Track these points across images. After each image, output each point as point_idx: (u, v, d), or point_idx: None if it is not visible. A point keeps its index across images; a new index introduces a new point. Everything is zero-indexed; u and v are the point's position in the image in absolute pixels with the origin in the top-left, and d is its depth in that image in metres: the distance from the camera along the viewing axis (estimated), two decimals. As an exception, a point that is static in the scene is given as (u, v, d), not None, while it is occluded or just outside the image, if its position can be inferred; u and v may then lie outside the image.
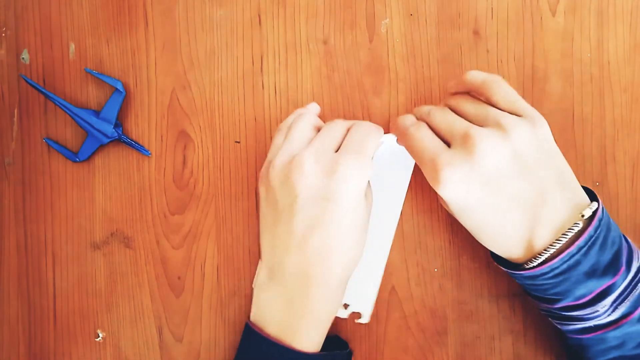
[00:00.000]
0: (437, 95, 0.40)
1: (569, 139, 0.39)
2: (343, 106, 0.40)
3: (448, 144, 0.33)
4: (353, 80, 0.40)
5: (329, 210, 0.32)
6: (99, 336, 0.42)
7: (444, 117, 0.34)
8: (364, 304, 0.36)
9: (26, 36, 0.43)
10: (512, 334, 0.39)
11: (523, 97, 0.33)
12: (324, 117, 0.41)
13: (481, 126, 0.32)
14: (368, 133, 0.34)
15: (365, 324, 0.39)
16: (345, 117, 0.40)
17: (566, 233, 0.30)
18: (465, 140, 0.31)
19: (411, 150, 0.34)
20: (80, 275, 0.42)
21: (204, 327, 0.41)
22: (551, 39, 0.39)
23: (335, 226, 0.32)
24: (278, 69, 0.41)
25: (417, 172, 0.40)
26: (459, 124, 0.33)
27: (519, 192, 0.31)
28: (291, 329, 0.33)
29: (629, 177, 0.39)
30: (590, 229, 0.30)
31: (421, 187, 0.40)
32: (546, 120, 0.32)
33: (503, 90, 0.33)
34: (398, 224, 0.40)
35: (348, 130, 0.35)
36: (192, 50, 0.41)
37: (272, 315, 0.33)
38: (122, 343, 0.42)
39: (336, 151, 0.34)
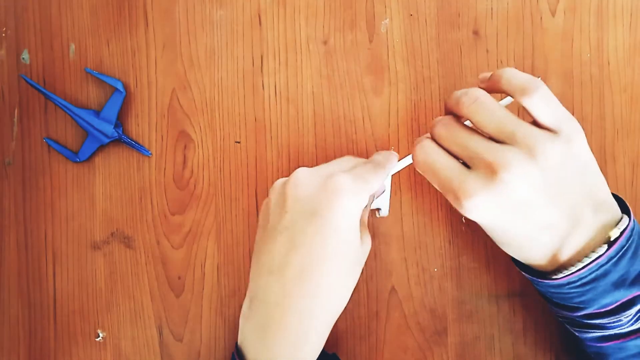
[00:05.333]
0: (437, 95, 0.40)
1: (569, 139, 0.39)
2: (343, 106, 0.40)
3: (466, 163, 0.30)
4: (353, 81, 0.40)
5: (314, 226, 0.29)
6: (99, 336, 0.42)
7: (456, 138, 0.30)
8: (380, 200, 0.36)
9: (26, 36, 0.43)
10: (511, 333, 0.39)
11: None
12: (323, 117, 0.41)
13: (503, 142, 0.29)
14: (380, 166, 0.32)
15: (383, 218, 0.39)
16: (345, 117, 0.40)
17: (594, 251, 0.28)
18: (487, 167, 0.28)
19: (427, 177, 0.32)
20: (80, 275, 0.42)
21: (204, 326, 0.41)
22: (551, 39, 0.40)
23: (319, 245, 0.29)
24: (278, 69, 0.41)
25: (414, 174, 0.40)
26: (477, 146, 0.29)
27: (549, 220, 0.29)
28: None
29: (629, 177, 0.39)
30: (622, 240, 0.28)
31: (421, 187, 0.40)
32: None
33: (544, 102, 0.29)
34: (398, 223, 0.40)
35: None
36: (192, 50, 0.41)
37: (250, 347, 0.31)
38: (122, 343, 0.42)
39: None
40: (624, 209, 0.31)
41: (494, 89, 0.31)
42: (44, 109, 0.43)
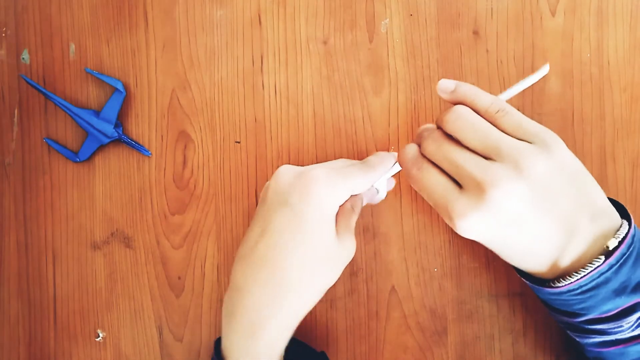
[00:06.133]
0: (437, 95, 0.40)
1: (569, 139, 0.39)
2: (343, 106, 0.40)
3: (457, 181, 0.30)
4: (353, 80, 0.40)
5: (284, 215, 0.30)
6: (99, 336, 0.42)
7: (445, 155, 0.30)
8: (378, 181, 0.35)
9: (26, 36, 0.43)
10: (511, 333, 0.39)
11: (523, 97, 0.33)
12: (323, 117, 0.41)
13: (490, 158, 0.29)
14: (369, 166, 0.33)
15: (383, 201, 0.38)
16: (345, 117, 0.40)
17: (591, 263, 0.28)
18: (476, 186, 0.28)
19: (421, 193, 0.32)
20: (80, 275, 0.42)
21: (204, 326, 0.41)
22: (551, 39, 0.40)
23: (286, 234, 0.30)
24: (278, 69, 0.41)
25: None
26: (464, 164, 0.29)
27: (543, 232, 0.29)
28: (227, 348, 0.32)
29: (629, 177, 0.39)
30: (623, 247, 0.28)
31: (421, 187, 0.40)
32: (545, 121, 0.31)
33: (510, 118, 0.30)
34: (398, 223, 0.40)
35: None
36: (192, 50, 0.41)
37: (222, 334, 0.32)
38: (122, 343, 0.42)
39: None
40: (624, 215, 0.30)
41: (459, 103, 0.32)
42: (44, 109, 0.43)
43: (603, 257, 0.28)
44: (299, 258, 0.30)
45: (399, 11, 0.40)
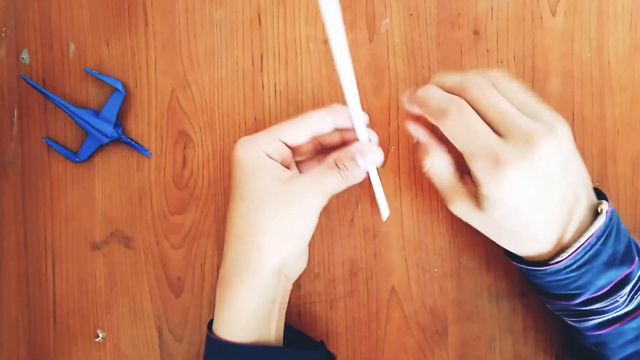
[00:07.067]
0: (437, 95, 0.40)
1: (569, 139, 0.39)
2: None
3: (496, 130, 0.30)
4: (353, 80, 0.40)
5: (232, 189, 0.34)
6: (98, 336, 0.42)
7: (492, 102, 0.30)
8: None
9: (26, 36, 0.43)
10: (512, 333, 0.39)
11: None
12: (324, 117, 0.41)
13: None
14: (295, 118, 0.34)
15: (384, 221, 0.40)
16: (345, 117, 0.40)
17: (590, 228, 0.30)
18: (525, 137, 0.28)
19: (456, 137, 0.30)
20: (80, 275, 0.42)
21: (203, 327, 0.41)
22: (551, 39, 0.39)
23: (234, 197, 0.33)
24: (278, 69, 0.41)
25: (415, 174, 0.40)
26: (513, 113, 0.29)
27: (564, 194, 0.30)
28: (216, 313, 0.34)
29: (629, 177, 0.39)
30: (606, 220, 0.30)
31: (421, 187, 0.40)
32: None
33: (518, 93, 0.31)
34: (398, 223, 0.40)
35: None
36: (192, 50, 0.41)
37: None
38: (122, 343, 0.42)
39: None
40: (601, 196, 0.33)
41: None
42: (44, 109, 0.43)
43: (603, 217, 0.30)
44: (243, 211, 0.32)
45: (399, 11, 0.40)
